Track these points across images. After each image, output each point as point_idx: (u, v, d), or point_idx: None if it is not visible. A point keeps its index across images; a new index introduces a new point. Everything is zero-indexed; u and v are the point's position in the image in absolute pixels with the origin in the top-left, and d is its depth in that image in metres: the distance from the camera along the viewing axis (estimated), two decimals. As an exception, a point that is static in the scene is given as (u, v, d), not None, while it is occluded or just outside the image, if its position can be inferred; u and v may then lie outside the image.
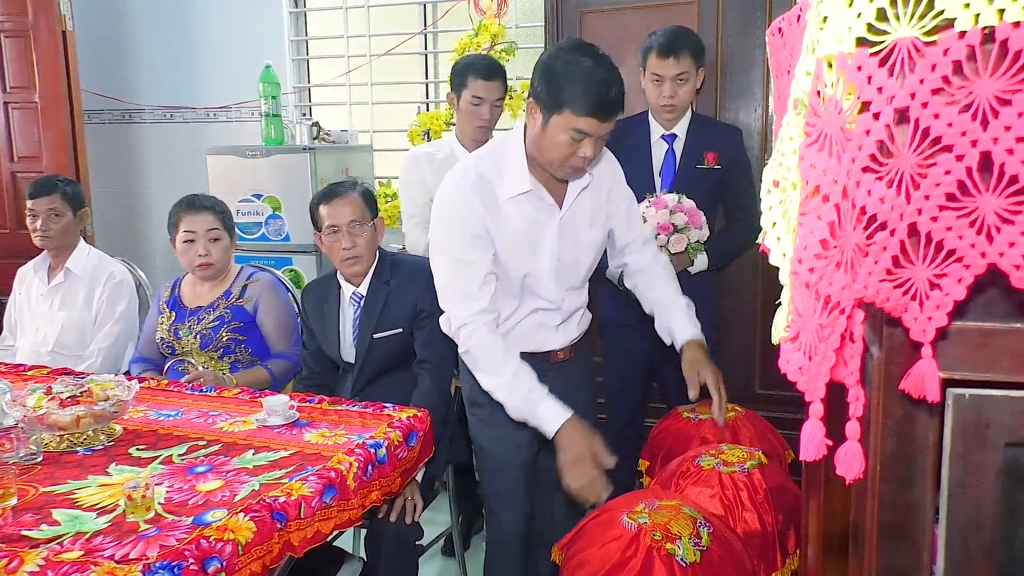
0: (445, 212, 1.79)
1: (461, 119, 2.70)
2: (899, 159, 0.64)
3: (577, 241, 1.86)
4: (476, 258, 1.74)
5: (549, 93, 1.63)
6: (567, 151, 1.66)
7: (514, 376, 1.72)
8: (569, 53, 1.62)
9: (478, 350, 1.76)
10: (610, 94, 1.59)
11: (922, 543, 0.74)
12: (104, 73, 4.26)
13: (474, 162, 1.81)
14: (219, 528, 1.33)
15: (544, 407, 1.70)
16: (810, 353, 0.66)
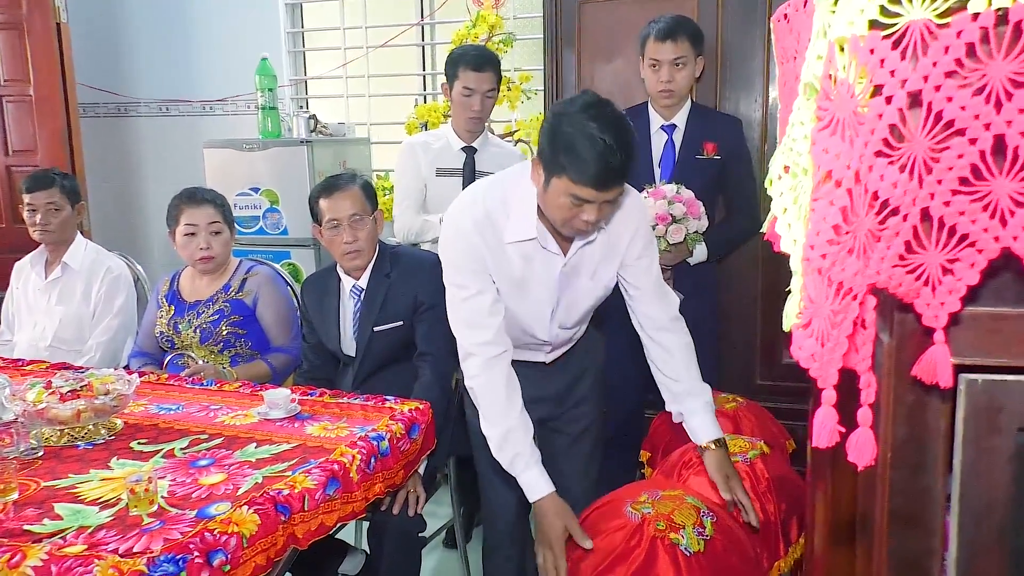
0: (450, 243, 1.76)
1: (454, 109, 2.72)
2: (912, 143, 0.64)
3: (577, 289, 1.81)
4: (480, 287, 1.73)
5: (550, 154, 1.55)
6: (568, 214, 1.59)
7: (507, 434, 1.71)
8: (577, 115, 1.52)
9: (480, 392, 1.76)
10: (611, 165, 1.50)
11: (934, 530, 0.74)
12: (99, 66, 4.24)
13: (484, 194, 1.74)
14: (223, 521, 1.32)
15: (526, 477, 1.70)
16: (823, 340, 0.66)
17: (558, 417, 1.97)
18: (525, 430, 1.72)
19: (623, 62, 2.80)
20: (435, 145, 2.73)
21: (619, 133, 1.51)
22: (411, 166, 2.73)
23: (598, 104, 1.54)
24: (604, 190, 1.54)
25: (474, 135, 2.72)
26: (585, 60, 2.89)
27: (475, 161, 2.73)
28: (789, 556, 1.79)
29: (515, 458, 1.70)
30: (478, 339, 1.73)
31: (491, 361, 1.73)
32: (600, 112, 1.52)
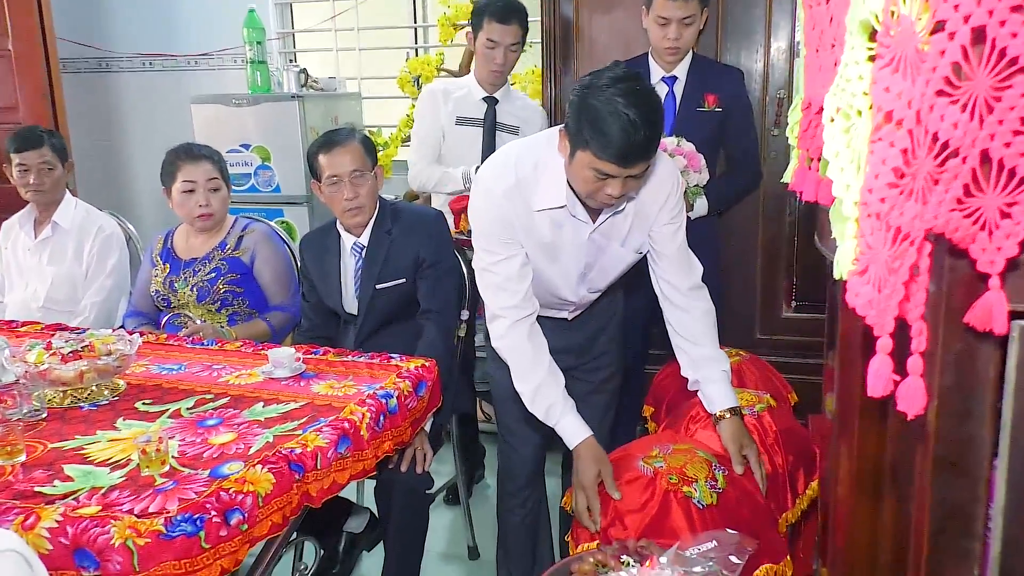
0: (480, 210, 1.75)
1: (477, 61, 2.68)
2: (974, 82, 0.62)
3: (608, 255, 1.80)
4: (509, 253, 1.73)
5: (575, 127, 1.54)
6: (592, 187, 1.58)
7: (539, 387, 1.74)
8: (604, 88, 1.49)
9: (507, 353, 1.77)
10: (635, 141, 1.47)
11: (979, 477, 0.73)
12: (79, 20, 4.11)
13: (516, 160, 1.71)
14: (238, 480, 1.31)
15: (563, 424, 1.73)
16: (879, 286, 0.64)
17: (577, 367, 1.98)
18: (556, 382, 1.75)
19: (622, 13, 2.74)
20: (456, 93, 2.70)
21: (645, 109, 1.48)
22: (429, 113, 2.70)
23: (626, 78, 1.51)
24: (627, 166, 1.51)
25: (496, 87, 2.69)
26: (583, 11, 2.82)
27: (496, 112, 2.70)
28: (796, 508, 1.80)
29: (549, 408, 1.73)
30: (506, 303, 1.75)
31: (517, 323, 1.75)
32: (628, 87, 1.49)
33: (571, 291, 1.86)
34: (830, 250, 1.10)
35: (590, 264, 1.81)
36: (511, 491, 2.04)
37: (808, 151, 1.08)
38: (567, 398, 1.75)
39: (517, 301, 1.74)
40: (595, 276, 1.85)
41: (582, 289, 1.87)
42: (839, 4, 0.89)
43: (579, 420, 1.73)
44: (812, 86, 1.05)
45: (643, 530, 1.49)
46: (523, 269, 1.75)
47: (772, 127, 2.71)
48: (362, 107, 3.87)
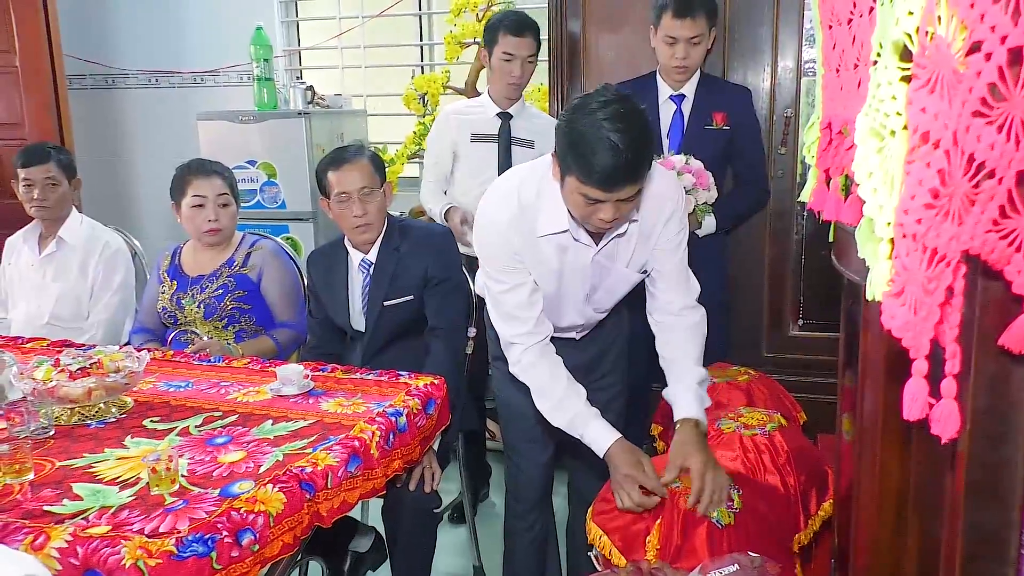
0: (485, 239, 1.75)
1: (493, 77, 2.72)
2: (1010, 103, 0.61)
3: (613, 276, 1.79)
4: (517, 281, 1.73)
5: (562, 153, 1.52)
6: (584, 212, 1.56)
7: (560, 401, 1.74)
8: (590, 112, 1.46)
9: (524, 375, 1.77)
10: (618, 166, 1.44)
11: (1013, 503, 0.72)
12: (85, 36, 4.13)
13: (518, 186, 1.70)
14: (248, 500, 1.30)
15: (591, 430, 1.71)
16: (915, 308, 0.63)
17: (584, 386, 1.96)
18: (577, 393, 1.74)
19: (630, 31, 2.75)
20: (471, 112, 2.76)
21: (632, 132, 1.44)
22: (438, 138, 2.77)
23: (614, 101, 1.47)
24: (612, 191, 1.48)
25: (512, 102, 2.73)
26: (591, 29, 2.83)
27: (511, 128, 2.73)
28: (808, 528, 1.78)
29: (573, 419, 1.72)
30: (518, 331, 1.75)
31: (531, 348, 1.75)
32: (615, 110, 1.45)
33: (577, 312, 1.86)
34: (850, 270, 1.09)
35: (595, 286, 1.80)
36: (519, 512, 2.03)
37: (827, 170, 1.07)
38: (590, 407, 1.74)
39: (529, 328, 1.74)
40: (600, 297, 1.84)
41: (588, 310, 1.86)
42: (863, 25, 0.89)
43: (605, 425, 1.71)
44: (832, 106, 1.05)
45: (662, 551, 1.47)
46: (533, 296, 1.74)
47: (779, 146, 2.71)
48: (368, 124, 3.87)
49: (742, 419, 1.91)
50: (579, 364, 1.94)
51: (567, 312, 1.84)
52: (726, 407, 2.08)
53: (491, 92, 2.75)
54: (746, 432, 1.85)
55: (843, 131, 0.98)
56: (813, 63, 2.63)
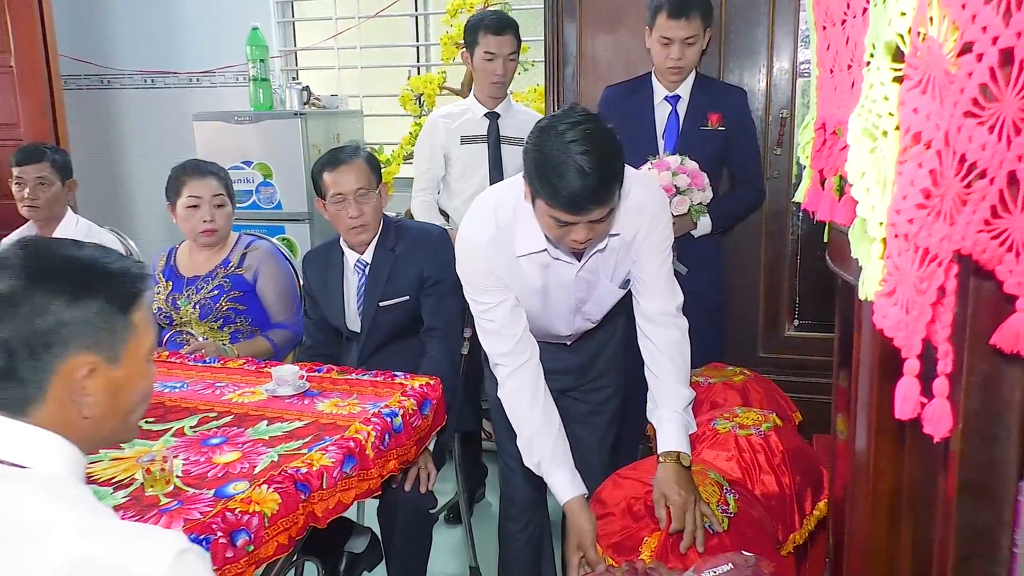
0: (464, 260, 1.72)
1: (477, 77, 2.75)
2: (1002, 103, 0.61)
3: (598, 289, 1.78)
4: (498, 299, 1.69)
5: (529, 176, 1.49)
6: (557, 233, 1.53)
7: (530, 440, 1.69)
8: (556, 134, 1.43)
9: (506, 401, 1.74)
10: (584, 189, 1.41)
11: (1005, 502, 0.73)
12: (81, 37, 4.12)
13: (495, 208, 1.68)
14: (243, 500, 1.30)
15: (552, 480, 1.66)
16: (908, 308, 0.63)
17: (577, 388, 1.97)
18: (547, 433, 1.68)
19: (626, 32, 2.75)
20: (458, 115, 2.77)
21: (598, 154, 1.41)
22: (428, 144, 2.79)
23: (582, 122, 1.44)
24: (580, 213, 1.45)
25: (497, 101, 2.75)
26: (586, 30, 2.83)
27: (499, 127, 2.75)
28: (803, 528, 1.79)
29: (540, 463, 1.67)
30: (501, 349, 1.72)
31: (516, 372, 1.71)
32: (582, 131, 1.42)
33: (566, 325, 1.84)
34: (845, 270, 1.10)
35: (582, 299, 1.79)
36: (513, 514, 2.02)
37: (822, 171, 1.08)
38: (557, 453, 1.66)
39: (512, 346, 1.70)
40: (589, 309, 1.83)
41: (577, 321, 1.85)
42: (856, 25, 0.89)
43: (568, 477, 1.64)
44: (826, 106, 1.05)
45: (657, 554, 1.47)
46: (515, 311, 1.70)
47: (775, 146, 2.72)
48: (364, 125, 3.87)
49: (737, 419, 1.92)
50: (573, 366, 1.94)
51: (556, 324, 1.83)
52: (721, 407, 2.08)
53: (476, 93, 2.78)
54: (741, 432, 1.85)
55: (837, 131, 0.99)
56: (809, 64, 2.64)
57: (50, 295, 0.92)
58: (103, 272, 0.97)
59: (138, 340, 0.99)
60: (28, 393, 0.92)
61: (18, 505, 0.86)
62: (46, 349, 0.91)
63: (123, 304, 0.96)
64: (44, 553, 0.81)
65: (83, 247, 0.99)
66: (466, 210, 2.68)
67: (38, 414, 0.93)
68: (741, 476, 1.76)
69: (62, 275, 0.94)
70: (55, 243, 1.00)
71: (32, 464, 0.91)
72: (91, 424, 0.96)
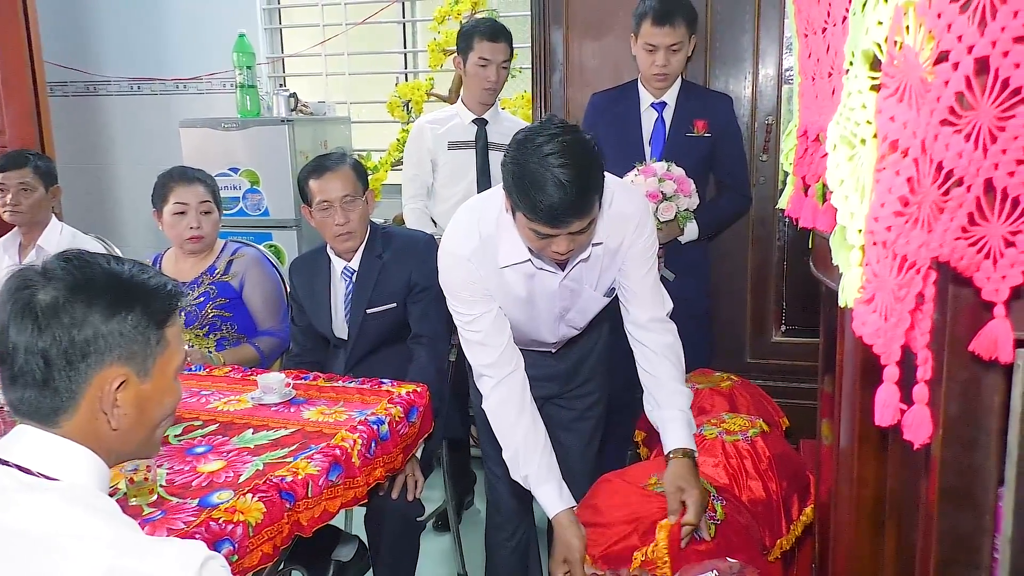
0: (447, 272, 1.71)
1: (468, 82, 2.75)
2: (978, 112, 0.62)
3: (581, 298, 1.77)
4: (481, 311, 1.69)
5: (508, 189, 1.48)
6: (538, 245, 1.53)
7: (516, 454, 1.68)
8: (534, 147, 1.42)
9: (491, 415, 1.72)
10: (562, 202, 1.40)
11: (985, 508, 0.73)
12: (66, 43, 4.09)
13: (478, 219, 1.67)
14: (227, 510, 1.29)
15: (539, 493, 1.65)
16: (886, 315, 0.64)
17: (563, 395, 1.97)
18: (533, 446, 1.67)
19: (613, 39, 2.76)
20: (446, 122, 2.78)
21: (576, 166, 1.40)
22: (415, 151, 2.79)
23: (560, 134, 1.43)
24: (560, 226, 1.45)
25: (486, 107, 2.76)
26: (573, 37, 2.84)
27: (487, 133, 2.76)
28: (790, 534, 1.79)
29: (527, 477, 1.66)
30: (486, 360, 1.71)
31: (500, 384, 1.70)
32: (560, 144, 1.41)
33: (551, 333, 1.84)
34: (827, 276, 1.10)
35: (566, 307, 1.79)
36: (499, 523, 2.02)
37: (804, 178, 1.08)
38: (543, 466, 1.66)
39: (496, 357, 1.69)
40: (573, 316, 1.83)
41: (562, 329, 1.84)
42: (836, 34, 0.90)
43: (555, 490, 1.64)
44: (808, 113, 1.06)
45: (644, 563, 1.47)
46: (498, 322, 1.70)
47: (761, 153, 2.73)
48: (351, 131, 3.87)
49: (724, 425, 1.92)
50: (558, 373, 1.94)
51: (540, 332, 1.83)
52: (708, 413, 2.08)
53: (465, 99, 2.79)
54: (728, 438, 1.86)
55: (819, 138, 0.99)
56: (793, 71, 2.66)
57: (89, 307, 0.94)
58: (141, 287, 0.99)
59: (169, 355, 1.01)
60: (61, 403, 0.94)
61: (51, 517, 0.88)
62: (82, 359, 0.93)
63: (159, 319, 0.99)
64: (77, 565, 0.84)
65: (123, 262, 1.02)
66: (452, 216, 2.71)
67: (68, 424, 0.95)
68: (728, 482, 1.76)
69: (102, 288, 0.96)
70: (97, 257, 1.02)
71: (62, 476, 0.93)
72: (118, 437, 0.98)
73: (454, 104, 2.88)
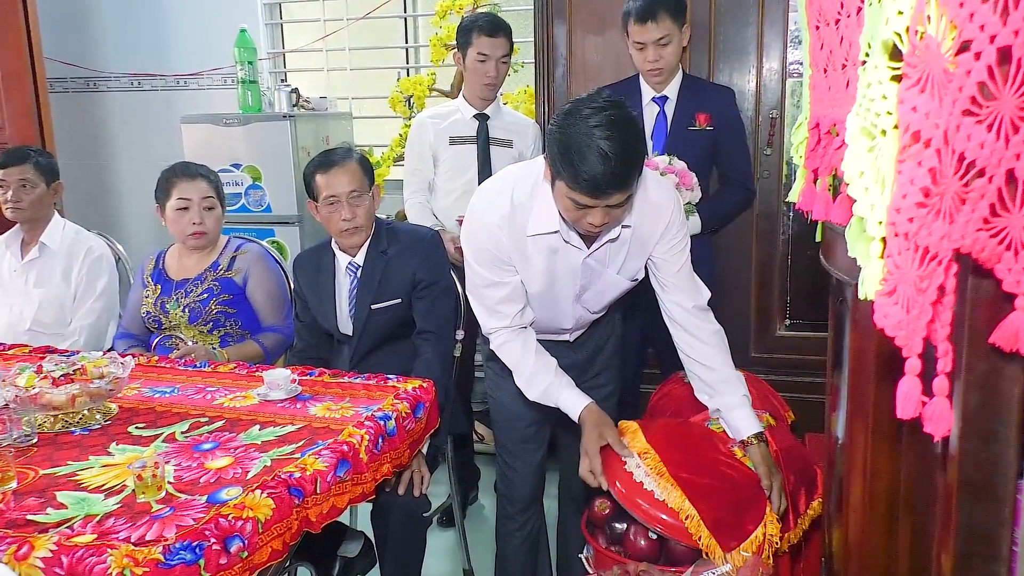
0: (474, 234, 1.75)
1: (468, 78, 2.74)
2: (1000, 102, 0.61)
3: (604, 280, 1.80)
4: (500, 279, 1.75)
5: (552, 157, 1.52)
6: (574, 215, 1.56)
7: (532, 375, 1.77)
8: (582, 118, 1.46)
9: (501, 352, 1.82)
10: (606, 173, 1.44)
11: (1005, 500, 0.73)
12: (66, 39, 4.08)
13: (513, 185, 1.70)
14: (236, 506, 1.28)
15: (562, 399, 1.75)
16: (908, 307, 0.63)
17: (579, 385, 1.97)
18: (546, 367, 1.77)
19: (616, 33, 2.75)
20: (447, 116, 2.77)
21: (622, 139, 1.44)
22: (416, 146, 2.78)
23: (607, 107, 1.47)
24: (600, 197, 1.49)
25: (487, 102, 2.75)
26: (576, 32, 2.84)
27: (488, 128, 2.74)
28: (798, 527, 1.79)
29: (547, 389, 1.76)
30: (496, 324, 1.79)
31: (511, 334, 1.79)
32: (606, 117, 1.45)
33: (568, 311, 1.86)
34: (838, 269, 1.10)
35: (584, 286, 1.81)
36: (511, 514, 2.02)
37: (816, 171, 1.08)
38: (561, 375, 1.77)
39: (507, 323, 1.78)
40: (590, 298, 1.85)
41: (578, 309, 1.87)
42: (851, 25, 0.89)
43: (576, 392, 1.75)
44: (820, 106, 1.05)
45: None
46: (513, 293, 1.76)
47: (765, 147, 2.72)
48: (353, 127, 3.86)
49: (731, 419, 1.91)
50: (574, 363, 1.96)
51: (557, 311, 1.85)
52: (714, 408, 2.08)
53: (466, 94, 2.77)
54: (735, 432, 1.85)
55: (831, 131, 0.99)
56: (798, 64, 2.65)
57: None
58: None
59: None
60: None
61: None
62: None
63: None
64: None
65: None
66: (454, 211, 2.71)
67: None
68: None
69: None
70: None
71: None
72: None
73: (455, 99, 2.86)
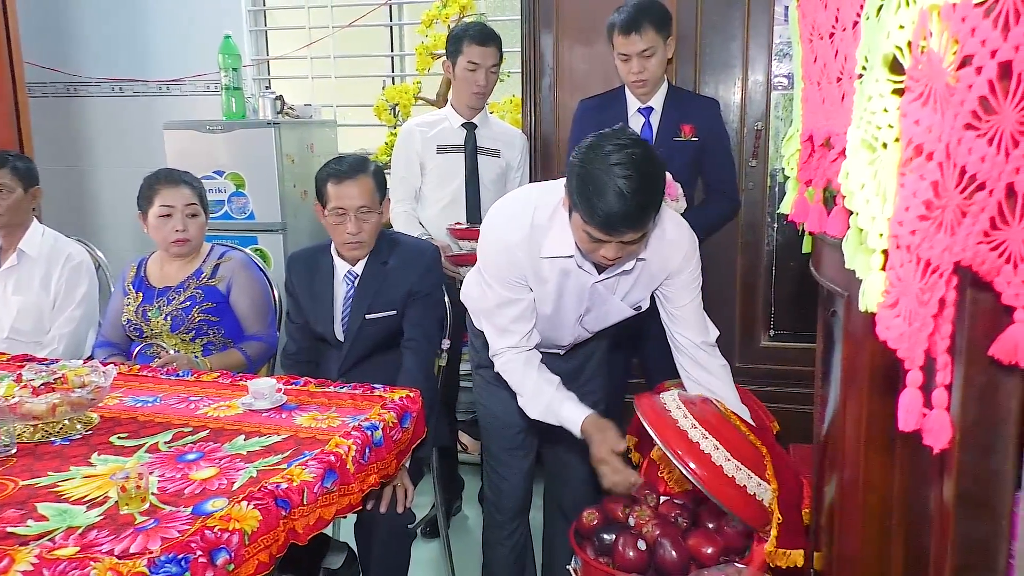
0: (491, 251, 1.77)
1: (457, 87, 2.74)
2: (1000, 116, 0.62)
3: (606, 304, 1.83)
4: (516, 295, 1.77)
5: (570, 189, 1.54)
6: (588, 247, 1.60)
7: (533, 395, 1.80)
8: (606, 156, 1.47)
9: (505, 372, 1.85)
10: (620, 211, 1.46)
11: (1002, 513, 0.73)
12: (46, 43, 4.03)
13: (534, 206, 1.73)
14: (222, 518, 1.26)
15: (563, 415, 1.77)
16: (910, 319, 0.63)
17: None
18: (547, 382, 1.80)
19: (602, 44, 2.75)
20: (434, 125, 2.76)
21: (640, 180, 1.45)
22: (404, 154, 2.78)
23: (629, 145, 1.48)
24: (613, 234, 1.51)
25: (475, 111, 2.75)
26: (563, 42, 2.84)
27: (476, 137, 2.75)
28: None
29: (548, 406, 1.78)
30: (506, 344, 1.81)
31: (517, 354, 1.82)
32: (627, 155, 1.46)
33: (568, 331, 1.90)
34: (829, 280, 1.10)
35: (588, 308, 1.84)
36: (500, 522, 2.02)
37: (809, 183, 1.08)
38: (562, 389, 1.79)
39: (515, 341, 1.81)
40: (590, 319, 1.88)
41: (578, 329, 1.90)
42: (846, 39, 0.90)
43: (576, 405, 1.76)
44: (813, 118, 1.06)
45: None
46: (527, 311, 1.79)
47: (750, 158, 2.74)
48: (338, 134, 3.84)
49: (717, 430, 1.91)
50: (563, 371, 1.96)
51: (559, 330, 1.88)
52: (701, 418, 2.08)
53: (454, 103, 2.77)
54: (722, 443, 1.85)
55: (825, 143, 0.99)
56: (783, 77, 2.67)
57: None
58: None
59: None
60: None
61: None
62: None
63: None
64: None
65: None
66: (441, 219, 2.71)
67: None
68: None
69: None
70: None
71: None
72: None
73: (443, 108, 2.86)
